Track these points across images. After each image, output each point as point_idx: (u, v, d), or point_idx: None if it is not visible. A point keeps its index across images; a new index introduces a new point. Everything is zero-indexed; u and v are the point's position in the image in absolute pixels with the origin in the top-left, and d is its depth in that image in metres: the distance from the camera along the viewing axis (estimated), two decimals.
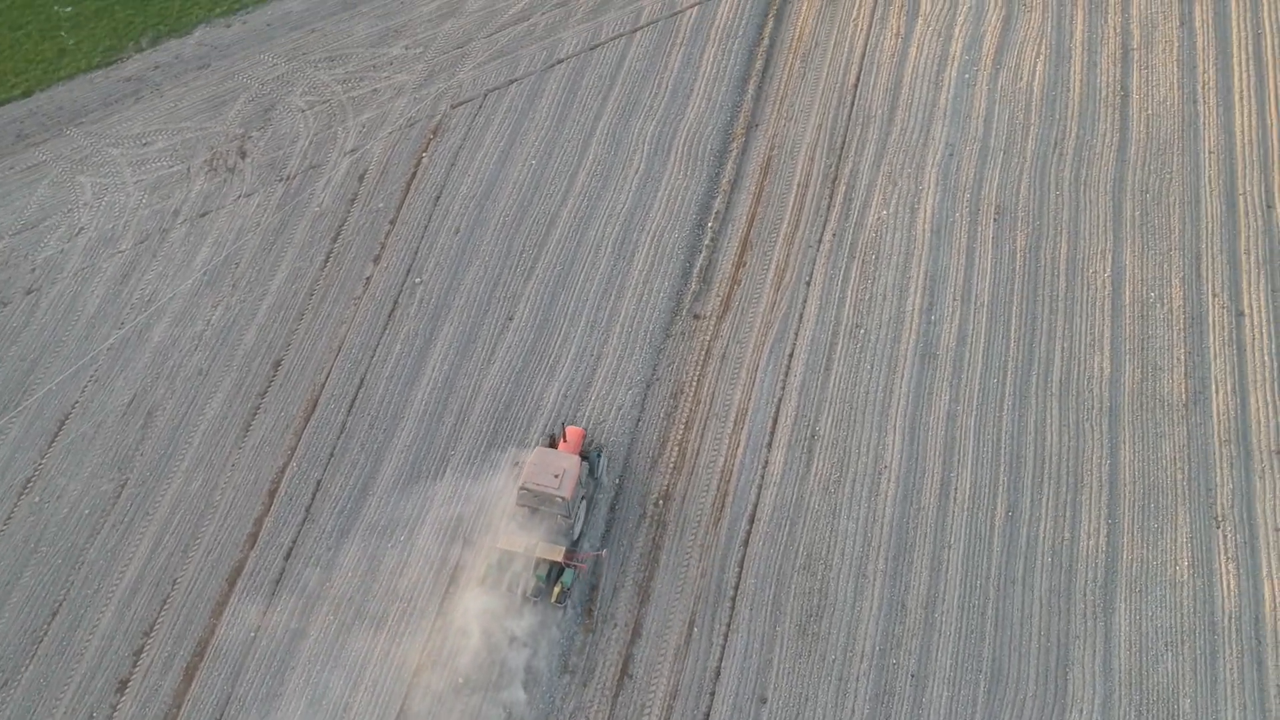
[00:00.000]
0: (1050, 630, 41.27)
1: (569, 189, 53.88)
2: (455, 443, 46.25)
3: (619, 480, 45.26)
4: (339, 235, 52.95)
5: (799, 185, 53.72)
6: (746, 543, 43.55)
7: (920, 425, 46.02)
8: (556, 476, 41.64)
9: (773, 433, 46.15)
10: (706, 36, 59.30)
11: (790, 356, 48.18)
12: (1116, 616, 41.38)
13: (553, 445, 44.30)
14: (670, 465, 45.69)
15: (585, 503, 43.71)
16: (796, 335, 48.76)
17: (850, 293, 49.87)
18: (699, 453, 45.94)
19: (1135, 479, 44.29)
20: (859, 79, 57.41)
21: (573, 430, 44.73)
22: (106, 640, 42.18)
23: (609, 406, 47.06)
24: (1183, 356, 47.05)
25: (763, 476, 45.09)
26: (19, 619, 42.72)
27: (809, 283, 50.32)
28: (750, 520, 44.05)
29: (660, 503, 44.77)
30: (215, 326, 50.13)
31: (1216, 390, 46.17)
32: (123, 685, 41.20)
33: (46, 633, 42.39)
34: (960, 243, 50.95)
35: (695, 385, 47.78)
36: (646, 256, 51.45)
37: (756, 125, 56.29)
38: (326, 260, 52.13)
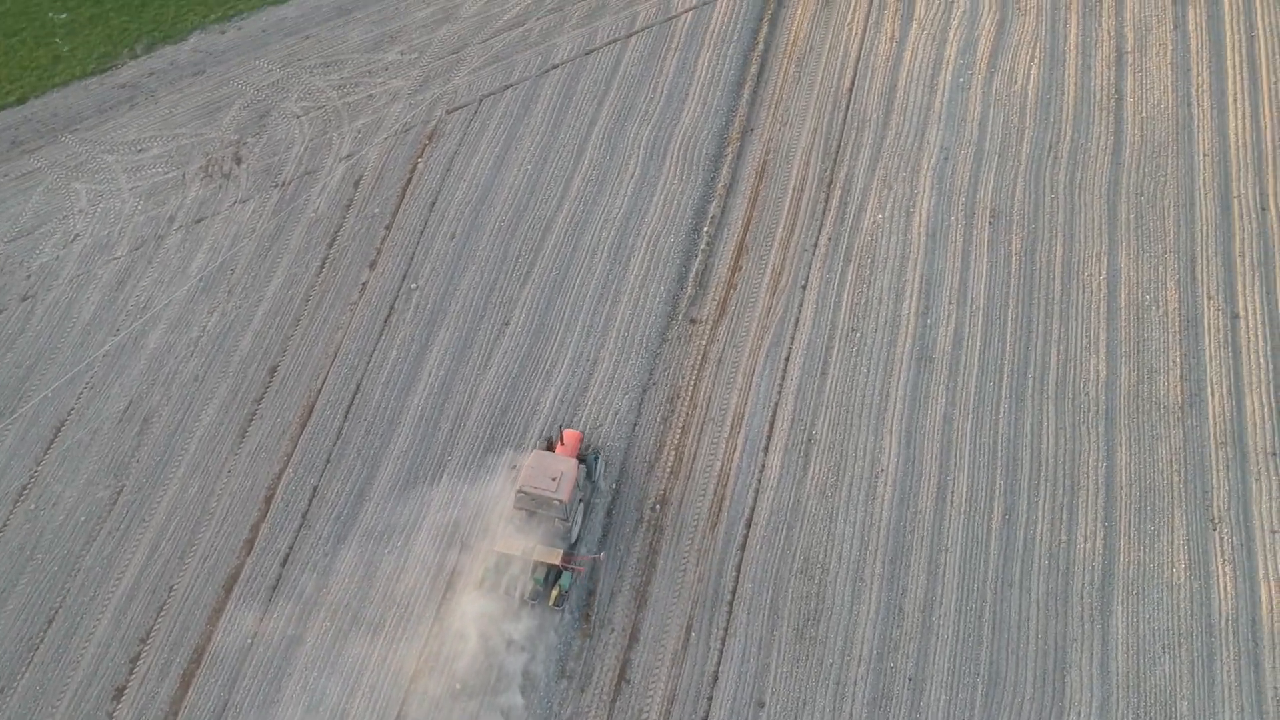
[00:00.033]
0: (1048, 633, 41.28)
1: (564, 194, 53.89)
2: (452, 448, 46.21)
3: (615, 485, 45.25)
4: (335, 241, 52.92)
5: (794, 189, 53.76)
6: (744, 547, 43.53)
7: (917, 429, 46.04)
8: (554, 480, 41.64)
9: (769, 437, 46.15)
10: (701, 41, 59.36)
11: (786, 360, 48.19)
12: (1114, 619, 41.40)
13: (550, 448, 44.31)
14: (667, 470, 45.67)
15: (583, 506, 43.69)
16: (793, 339, 48.77)
17: (846, 297, 49.90)
18: (695, 457, 45.92)
19: (1132, 481, 44.33)
20: (854, 83, 57.48)
21: (570, 433, 44.73)
22: (103, 648, 42.09)
23: (605, 411, 47.04)
24: (1178, 359, 47.10)
25: (759, 480, 45.08)
26: (15, 626, 42.62)
27: (805, 287, 50.35)
28: (747, 524, 44.04)
29: (657, 507, 44.75)
30: (211, 333, 50.08)
31: (1212, 393, 46.22)
32: (119, 693, 41.10)
33: (43, 640, 42.30)
34: (956, 246, 51.00)
35: (692, 390, 47.78)
36: (642, 261, 51.46)
37: (752, 130, 56.34)
38: (322, 266, 52.10)
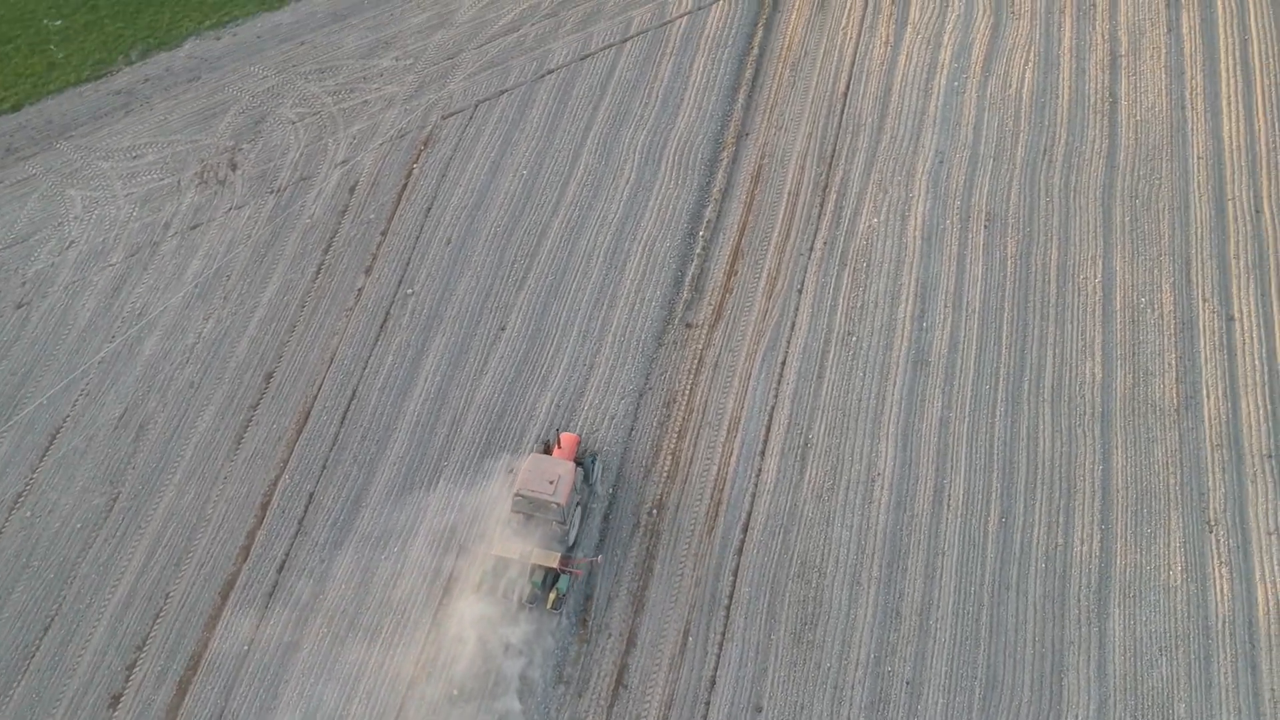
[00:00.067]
0: (1045, 636, 41.31)
1: (560, 199, 53.90)
2: (448, 453, 46.16)
3: (612, 490, 45.23)
4: (330, 247, 52.88)
5: (790, 194, 53.81)
6: (741, 551, 43.52)
7: (913, 432, 46.07)
8: (551, 483, 41.64)
9: (766, 441, 46.16)
10: (696, 46, 59.42)
11: (783, 364, 48.21)
12: (1111, 622, 41.43)
13: (547, 452, 44.30)
14: (664, 474, 45.66)
15: (580, 509, 43.68)
16: (789, 343, 48.80)
17: (842, 300, 49.94)
18: (692, 461, 45.92)
19: (1128, 484, 44.38)
20: (849, 87, 57.56)
21: (567, 437, 44.73)
22: (99, 655, 41.98)
23: (602, 416, 47.03)
24: (1174, 361, 47.17)
25: (756, 484, 45.08)
26: (11, 634, 42.49)
27: (801, 291, 50.38)
28: (744, 528, 44.03)
29: (654, 512, 44.74)
30: (207, 339, 50.01)
31: (1208, 395, 46.30)
32: (115, 700, 40.99)
33: (39, 648, 42.18)
34: (951, 250, 51.07)
35: (688, 394, 47.78)
36: (638, 266, 51.48)
37: (747, 134, 56.40)
38: (318, 272, 52.06)
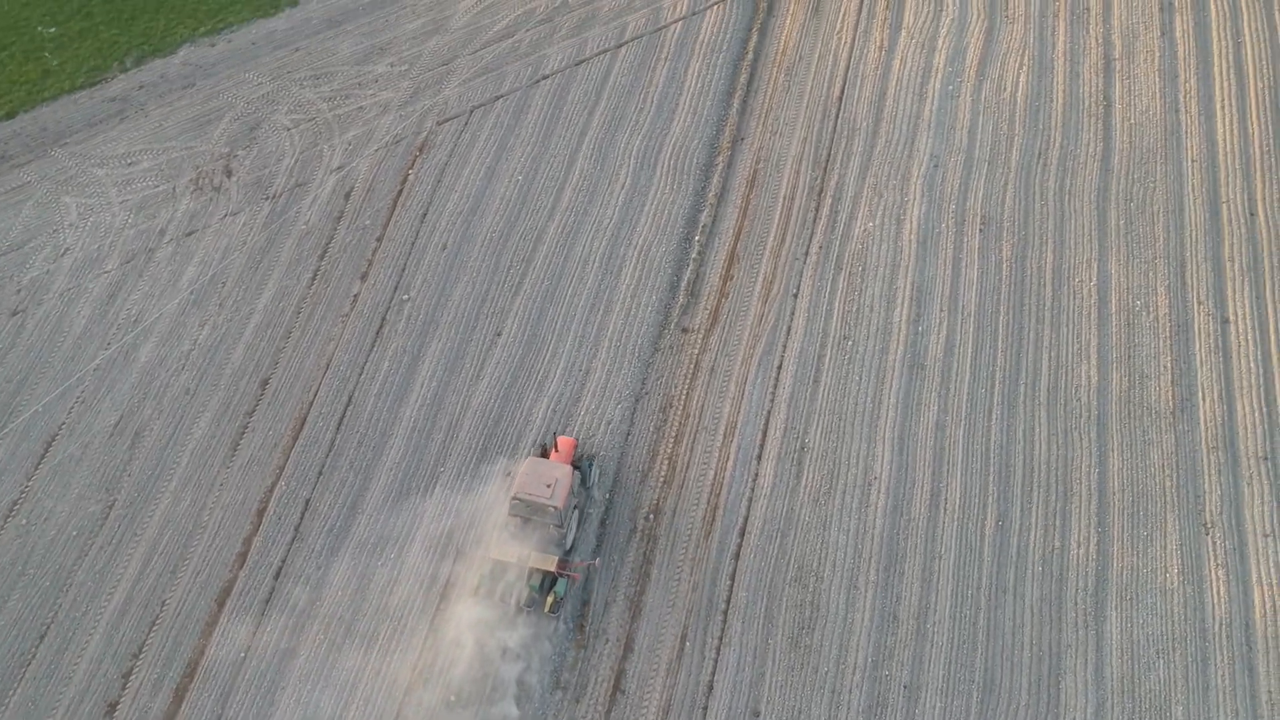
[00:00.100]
0: (1042, 639, 41.33)
1: (556, 204, 53.93)
2: (445, 459, 46.11)
3: (609, 495, 45.21)
4: (326, 253, 52.86)
5: (785, 198, 53.87)
6: (737, 556, 43.50)
7: (909, 436, 46.10)
8: (549, 486, 41.59)
9: (762, 445, 46.17)
10: (691, 51, 59.51)
11: (779, 369, 48.24)
12: (1108, 625, 41.46)
13: (544, 455, 44.27)
14: (660, 479, 45.64)
15: (577, 512, 43.65)
16: (785, 348, 48.82)
17: (838, 304, 49.99)
18: (689, 466, 45.91)
19: (1124, 487, 44.43)
20: (843, 92, 57.66)
21: (564, 440, 44.70)
22: (95, 662, 41.86)
23: (598, 421, 47.02)
24: (1169, 364, 47.25)
25: (753, 489, 45.08)
26: (6, 642, 42.35)
27: (796, 295, 50.42)
28: (741, 533, 44.03)
29: (650, 517, 44.71)
30: (202, 346, 49.95)
31: (1203, 397, 46.38)
32: (112, 708, 40.87)
33: (35, 655, 42.05)
34: (946, 253, 51.14)
35: (684, 399, 47.78)
36: (634, 271, 51.50)
37: (742, 139, 56.46)
38: (314, 278, 52.03)
